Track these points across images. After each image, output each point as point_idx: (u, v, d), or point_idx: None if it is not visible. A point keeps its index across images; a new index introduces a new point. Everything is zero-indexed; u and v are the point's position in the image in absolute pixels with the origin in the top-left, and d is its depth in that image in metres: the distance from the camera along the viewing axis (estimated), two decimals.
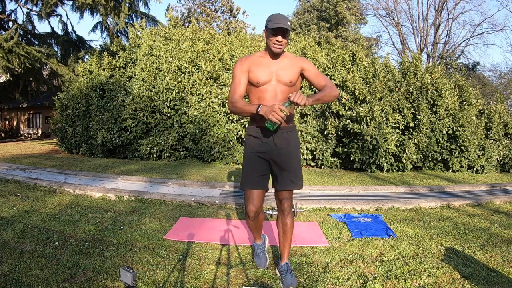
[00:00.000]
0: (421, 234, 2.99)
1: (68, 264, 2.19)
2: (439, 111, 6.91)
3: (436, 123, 6.90)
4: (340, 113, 6.61)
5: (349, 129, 6.34)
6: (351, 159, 6.46)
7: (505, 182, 5.98)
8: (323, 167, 6.86)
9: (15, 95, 15.05)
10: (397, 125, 6.61)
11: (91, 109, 8.28)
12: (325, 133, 6.66)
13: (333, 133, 6.63)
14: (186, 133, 7.12)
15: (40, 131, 20.07)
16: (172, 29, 9.08)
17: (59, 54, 13.86)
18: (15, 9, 13.91)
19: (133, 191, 4.26)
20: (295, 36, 9.56)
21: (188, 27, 9.47)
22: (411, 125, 6.62)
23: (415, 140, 6.61)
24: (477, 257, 2.50)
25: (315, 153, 6.76)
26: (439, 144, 6.91)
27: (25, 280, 1.97)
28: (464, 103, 7.45)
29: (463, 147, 6.84)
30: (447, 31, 22.67)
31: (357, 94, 6.52)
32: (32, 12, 13.45)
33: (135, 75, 8.17)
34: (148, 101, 7.38)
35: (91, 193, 4.20)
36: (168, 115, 7.35)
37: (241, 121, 6.93)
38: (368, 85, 6.87)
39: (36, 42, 13.41)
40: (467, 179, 6.30)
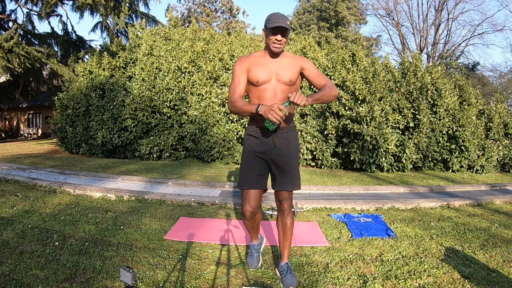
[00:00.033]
0: (421, 234, 2.99)
1: (68, 264, 2.19)
2: (439, 111, 6.91)
3: (436, 123, 6.90)
4: (340, 113, 6.61)
5: (349, 129, 6.34)
6: (351, 159, 6.46)
7: (505, 182, 5.98)
8: (323, 167, 6.86)
9: (15, 95, 15.05)
10: (397, 125, 6.61)
11: (91, 109, 8.29)
12: (325, 133, 6.66)
13: (333, 133, 6.63)
14: (186, 133, 7.12)
15: (40, 131, 20.07)
16: (172, 29, 9.08)
17: (59, 54, 13.86)
18: (15, 9, 13.93)
19: (133, 191, 4.26)
20: (295, 36, 9.56)
21: (188, 27, 9.47)
22: (411, 125, 6.62)
23: (415, 140, 6.61)
24: (477, 257, 2.50)
25: (315, 153, 6.76)
26: (439, 144, 6.91)
27: (25, 280, 1.97)
28: (464, 103, 7.45)
29: (463, 147, 6.84)
30: (447, 31, 22.70)
31: (357, 94, 6.52)
32: (32, 12, 13.47)
33: (135, 75, 8.17)
34: (148, 101, 7.38)
35: (91, 193, 4.20)
36: (168, 115, 7.35)
37: (241, 121, 6.93)
38: (368, 85, 6.87)
39: (36, 42, 13.41)
40: (467, 179, 6.30)
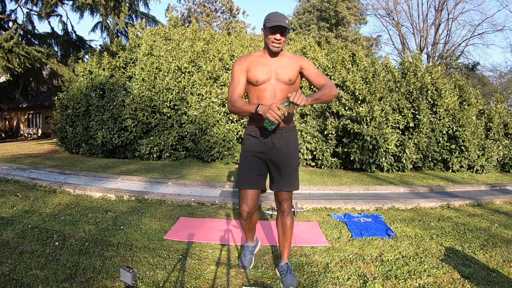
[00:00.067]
0: (421, 234, 2.99)
1: (68, 264, 2.19)
2: (439, 111, 6.92)
3: (436, 123, 6.90)
4: (340, 113, 6.61)
5: (349, 129, 6.34)
6: (351, 159, 6.46)
7: (505, 182, 5.98)
8: (323, 167, 6.86)
9: (15, 95, 15.05)
10: (397, 125, 6.61)
11: (91, 109, 8.29)
12: (325, 133, 6.66)
13: (333, 133, 6.63)
14: (186, 133, 7.12)
15: (40, 131, 20.07)
16: (172, 29, 9.08)
17: (59, 54, 13.86)
18: (15, 9, 13.93)
19: (133, 191, 4.26)
20: (295, 36, 9.56)
21: (188, 27, 9.47)
22: (411, 125, 6.62)
23: (415, 140, 6.61)
24: (477, 257, 2.50)
25: (315, 153, 6.76)
26: (439, 144, 6.91)
27: (25, 280, 1.97)
28: (464, 103, 7.45)
29: (463, 147, 6.84)
30: (447, 31, 22.70)
31: (357, 94, 6.52)
32: (32, 12, 13.47)
33: (135, 75, 8.17)
34: (148, 101, 7.38)
35: (91, 193, 4.20)
36: (168, 115, 7.35)
37: (241, 121, 6.93)
38: (368, 85, 6.87)
39: (36, 42, 13.41)
40: (467, 179, 6.30)
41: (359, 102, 6.60)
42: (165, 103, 7.28)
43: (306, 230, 3.04)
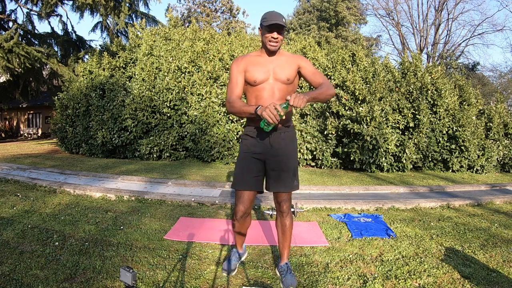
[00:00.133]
0: (421, 234, 2.99)
1: (68, 264, 2.19)
2: (439, 111, 6.92)
3: (436, 123, 6.90)
4: (340, 113, 6.61)
5: (349, 129, 6.34)
6: (351, 159, 6.46)
7: (505, 182, 5.98)
8: (323, 167, 6.86)
9: (15, 95, 15.05)
10: (397, 125, 6.61)
11: (91, 109, 8.29)
12: (325, 133, 6.66)
13: (333, 133, 6.63)
14: (186, 133, 7.12)
15: (40, 131, 20.07)
16: (172, 29, 9.08)
17: (59, 54, 13.86)
18: (15, 9, 13.94)
19: (133, 191, 4.26)
20: (295, 36, 9.55)
21: (188, 27, 9.47)
22: (411, 125, 6.62)
23: (415, 140, 6.61)
24: (477, 257, 2.50)
25: (315, 153, 6.76)
26: (439, 144, 6.91)
27: (25, 280, 1.97)
28: (464, 103, 7.45)
29: (463, 147, 6.84)
30: (447, 31, 22.70)
31: (357, 94, 6.52)
32: (32, 12, 13.47)
33: (135, 75, 8.17)
34: (148, 101, 7.38)
35: (91, 193, 4.20)
36: (168, 115, 7.35)
37: (241, 121, 6.93)
38: (368, 85, 6.87)
39: (36, 42, 13.41)
40: (467, 179, 6.30)
41: (359, 102, 6.60)
42: (165, 103, 7.28)
43: (306, 230, 3.04)
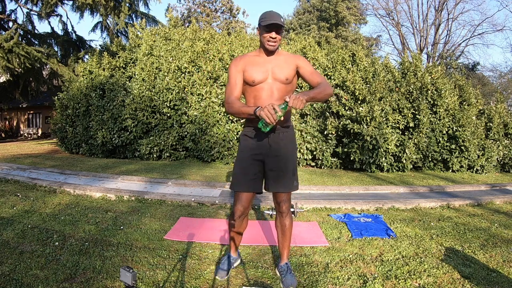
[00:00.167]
0: (421, 234, 2.99)
1: (68, 264, 2.18)
2: (439, 111, 6.92)
3: (436, 123, 6.90)
4: (340, 113, 6.61)
5: (349, 129, 6.34)
6: (351, 159, 6.46)
7: (505, 182, 5.98)
8: (323, 167, 6.86)
9: (15, 95, 15.05)
10: (397, 125, 6.61)
11: (91, 109, 8.29)
12: (325, 133, 6.66)
13: (333, 133, 6.63)
14: (186, 133, 7.12)
15: (40, 131, 20.07)
16: (172, 29, 9.08)
17: (59, 54, 13.86)
18: (15, 9, 13.94)
19: (133, 191, 4.26)
20: (295, 36, 9.54)
21: (188, 27, 9.47)
22: (411, 125, 6.62)
23: (415, 140, 6.61)
24: (477, 257, 2.50)
25: (315, 153, 6.76)
26: (439, 144, 6.91)
27: (25, 280, 1.97)
28: (464, 103, 7.45)
29: (463, 147, 6.84)
30: (447, 31, 22.71)
31: (357, 94, 6.52)
32: (32, 12, 13.47)
33: (135, 75, 8.17)
34: (148, 101, 7.38)
35: (91, 193, 4.20)
36: (168, 115, 7.35)
37: (241, 121, 6.93)
38: (368, 85, 6.87)
39: (36, 42, 13.41)
40: (467, 179, 6.30)
41: (359, 102, 6.60)
42: (165, 103, 7.28)
43: (306, 230, 3.04)
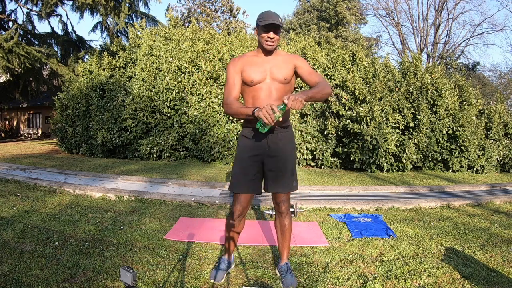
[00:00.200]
0: (421, 234, 2.99)
1: (68, 264, 2.18)
2: (439, 111, 6.92)
3: (436, 123, 6.90)
4: (340, 113, 6.61)
5: (349, 129, 6.34)
6: (351, 159, 6.46)
7: (505, 182, 5.98)
8: (323, 167, 6.86)
9: (15, 95, 15.05)
10: (397, 125, 6.61)
11: (91, 109, 8.29)
12: (325, 133, 6.66)
13: (333, 133, 6.63)
14: (186, 133, 7.12)
15: (40, 131, 20.07)
16: (172, 29, 9.08)
17: (59, 54, 13.86)
18: (15, 9, 13.94)
19: (133, 191, 4.26)
20: (295, 36, 9.54)
21: (188, 27, 9.46)
22: (411, 125, 6.62)
23: (415, 140, 6.61)
24: (477, 257, 2.50)
25: (315, 153, 6.76)
26: (439, 144, 6.91)
27: (25, 280, 1.97)
28: (464, 103, 7.45)
29: (463, 147, 6.84)
30: (447, 31, 22.71)
31: (357, 94, 6.52)
32: (32, 12, 13.47)
33: (135, 75, 8.17)
34: (148, 101, 7.38)
35: (91, 193, 4.20)
36: (168, 115, 7.35)
37: (241, 121, 6.92)
38: (368, 85, 6.87)
39: (36, 42, 13.41)
40: (467, 179, 6.30)
41: (359, 102, 6.60)
42: (165, 103, 7.28)
43: (306, 230, 3.04)
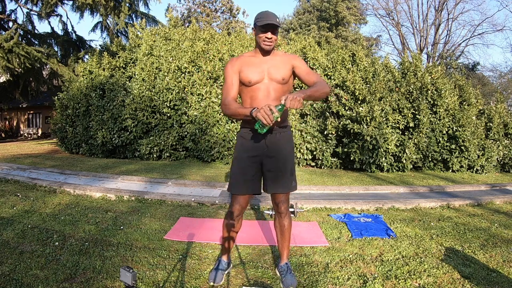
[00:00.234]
0: (421, 234, 2.99)
1: (68, 264, 2.18)
2: (439, 111, 6.92)
3: (436, 123, 6.90)
4: (340, 113, 6.61)
5: (349, 129, 6.34)
6: (351, 159, 6.46)
7: (505, 182, 5.98)
8: (323, 167, 6.86)
9: (15, 95, 15.05)
10: (397, 125, 6.61)
11: (91, 109, 8.29)
12: (325, 133, 6.66)
13: (333, 133, 6.63)
14: (186, 133, 7.12)
15: (40, 131, 20.07)
16: (172, 29, 9.08)
17: (59, 54, 13.86)
18: (15, 9, 13.94)
19: (133, 191, 4.26)
20: (295, 36, 9.54)
21: (188, 27, 9.46)
22: (411, 125, 6.62)
23: (415, 140, 6.61)
24: (477, 257, 2.50)
25: (315, 153, 6.76)
26: (439, 144, 6.91)
27: (25, 280, 1.97)
28: (464, 103, 7.45)
29: (463, 147, 6.84)
30: (447, 31, 22.71)
31: (357, 94, 6.52)
32: (32, 12, 13.47)
33: (135, 75, 8.17)
34: (148, 101, 7.38)
35: (91, 193, 4.20)
36: (168, 115, 7.35)
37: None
38: (368, 85, 6.87)
39: (36, 42, 13.41)
40: (467, 179, 6.30)
41: (359, 102, 6.60)
42: (165, 103, 7.28)
43: (306, 230, 3.04)
